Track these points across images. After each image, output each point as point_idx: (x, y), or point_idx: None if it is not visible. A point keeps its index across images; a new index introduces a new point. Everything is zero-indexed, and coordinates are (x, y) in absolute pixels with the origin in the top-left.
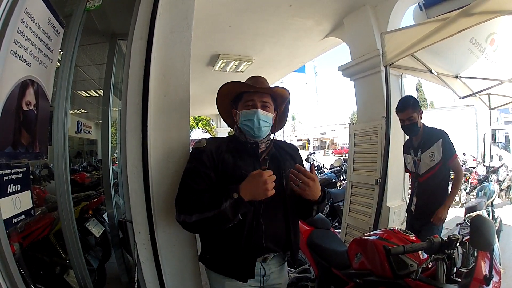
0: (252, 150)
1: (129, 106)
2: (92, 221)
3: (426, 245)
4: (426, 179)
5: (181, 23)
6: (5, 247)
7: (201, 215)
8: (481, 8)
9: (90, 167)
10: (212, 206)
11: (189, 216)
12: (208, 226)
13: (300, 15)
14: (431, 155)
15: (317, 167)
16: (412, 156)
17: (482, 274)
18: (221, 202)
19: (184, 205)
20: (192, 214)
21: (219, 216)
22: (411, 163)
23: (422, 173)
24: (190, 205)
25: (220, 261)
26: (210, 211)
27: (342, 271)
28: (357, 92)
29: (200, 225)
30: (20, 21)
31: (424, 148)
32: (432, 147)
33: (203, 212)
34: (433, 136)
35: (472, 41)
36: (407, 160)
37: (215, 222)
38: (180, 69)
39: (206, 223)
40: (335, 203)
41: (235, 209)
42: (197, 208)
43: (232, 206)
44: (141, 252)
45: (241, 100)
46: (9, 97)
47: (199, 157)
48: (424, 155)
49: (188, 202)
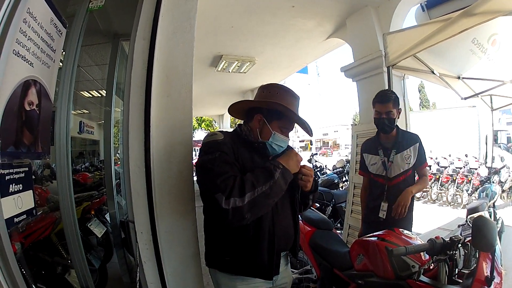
0: (262, 150)
1: (132, 106)
2: (94, 221)
3: (428, 246)
4: (398, 182)
5: (184, 23)
6: (6, 247)
7: (255, 193)
8: (483, 8)
9: (92, 167)
10: (266, 179)
11: (241, 198)
12: (262, 203)
13: (303, 16)
14: (407, 157)
15: (319, 168)
16: (381, 157)
17: (484, 275)
18: (272, 173)
19: (231, 190)
20: (243, 195)
21: (274, 188)
22: (378, 165)
23: (393, 176)
24: (238, 187)
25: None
26: (265, 184)
27: (344, 272)
28: (360, 93)
29: (253, 205)
30: (22, 21)
31: (399, 149)
32: (408, 149)
33: (256, 188)
34: (409, 139)
35: (474, 41)
36: (370, 161)
37: (270, 196)
38: (183, 70)
39: (260, 200)
40: (337, 204)
41: (284, 178)
42: (249, 187)
43: (282, 175)
44: (143, 253)
45: (279, 119)
46: (12, 97)
47: (221, 148)
48: (399, 156)
49: (234, 185)
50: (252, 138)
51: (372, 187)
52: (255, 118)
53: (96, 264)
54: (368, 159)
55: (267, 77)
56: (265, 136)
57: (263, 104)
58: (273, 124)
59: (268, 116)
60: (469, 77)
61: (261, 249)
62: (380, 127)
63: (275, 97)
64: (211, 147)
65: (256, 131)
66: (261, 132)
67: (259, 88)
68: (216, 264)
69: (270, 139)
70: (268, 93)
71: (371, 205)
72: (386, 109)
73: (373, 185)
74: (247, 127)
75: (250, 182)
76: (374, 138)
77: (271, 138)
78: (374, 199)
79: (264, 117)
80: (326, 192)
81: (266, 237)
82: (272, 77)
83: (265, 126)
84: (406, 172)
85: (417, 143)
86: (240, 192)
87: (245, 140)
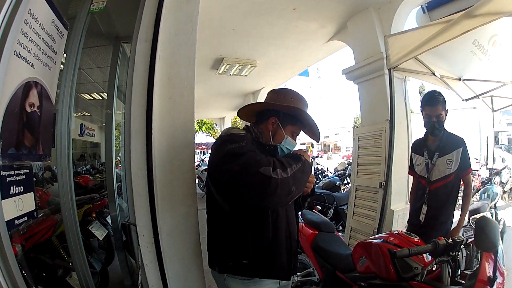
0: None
1: (134, 108)
2: (95, 224)
3: (431, 248)
4: (438, 187)
5: (186, 25)
6: (7, 249)
7: (293, 168)
8: (484, 9)
9: (93, 169)
10: (296, 161)
11: (285, 171)
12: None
13: (304, 18)
14: (449, 162)
15: (321, 170)
16: (425, 158)
17: (487, 275)
18: (299, 156)
19: (274, 164)
20: (285, 169)
21: (305, 167)
22: (422, 166)
23: (434, 179)
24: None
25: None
26: (297, 163)
27: (346, 274)
28: (361, 96)
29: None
30: (23, 22)
31: (442, 153)
32: (451, 154)
33: (292, 165)
34: (454, 142)
35: (475, 43)
36: (416, 161)
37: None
38: (185, 72)
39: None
40: (339, 207)
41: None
42: (286, 163)
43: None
44: (145, 255)
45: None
46: (13, 98)
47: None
48: (441, 160)
49: (274, 161)
50: (262, 139)
51: (416, 187)
52: (269, 121)
53: (98, 266)
54: (415, 159)
55: (268, 80)
56: (277, 139)
57: (282, 108)
58: (287, 128)
59: (283, 120)
60: (470, 79)
61: (281, 250)
62: (430, 131)
63: (291, 102)
64: (236, 137)
65: (268, 134)
66: (274, 135)
67: (270, 92)
68: (230, 268)
69: (282, 143)
70: (283, 98)
71: (414, 206)
72: (436, 112)
73: (417, 185)
74: (257, 128)
75: (286, 161)
76: (422, 138)
77: (283, 142)
78: (417, 201)
79: (279, 120)
80: (328, 195)
81: (283, 239)
82: (273, 79)
83: (278, 129)
84: (447, 178)
85: (461, 148)
86: (282, 167)
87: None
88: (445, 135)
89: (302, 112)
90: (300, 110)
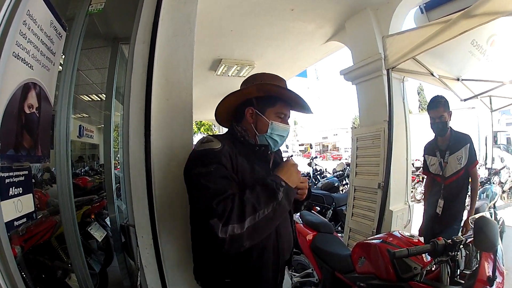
0: (262, 155)
1: (132, 110)
2: (94, 225)
3: (430, 248)
4: (451, 182)
5: (184, 27)
6: (6, 250)
7: (256, 217)
8: (482, 9)
9: (92, 171)
10: (268, 200)
11: (240, 224)
12: (263, 228)
13: (302, 19)
14: (459, 158)
15: (319, 171)
16: (438, 158)
17: (486, 275)
18: (275, 194)
19: (229, 215)
20: (243, 220)
21: (278, 210)
22: (436, 165)
23: (448, 175)
24: (238, 211)
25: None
26: (267, 207)
27: (345, 275)
28: (359, 96)
29: (254, 231)
30: (22, 23)
31: (452, 151)
32: (460, 150)
33: (258, 211)
34: (461, 140)
35: (473, 43)
36: (430, 162)
37: (273, 220)
38: (183, 73)
39: (262, 225)
40: (338, 207)
41: (288, 197)
42: (249, 210)
43: (286, 194)
44: (144, 257)
45: (272, 106)
46: (11, 99)
47: (218, 159)
48: (452, 157)
49: (232, 209)
50: (249, 138)
51: (432, 185)
52: (246, 113)
53: (97, 268)
54: (429, 160)
55: None
56: (262, 129)
57: (251, 93)
58: (268, 113)
59: (260, 106)
60: (468, 79)
61: (267, 269)
62: (436, 131)
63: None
64: (207, 157)
65: (251, 128)
66: (257, 126)
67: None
68: (212, 285)
69: (269, 131)
70: (252, 83)
71: (430, 200)
72: (438, 114)
73: (433, 183)
74: (240, 127)
75: (251, 204)
76: (433, 141)
77: (269, 129)
78: (433, 196)
79: (256, 108)
80: (327, 196)
81: (271, 256)
82: None
83: (259, 118)
84: (459, 172)
85: (468, 144)
86: (240, 217)
87: (243, 144)
88: (453, 134)
89: (274, 86)
90: (270, 84)
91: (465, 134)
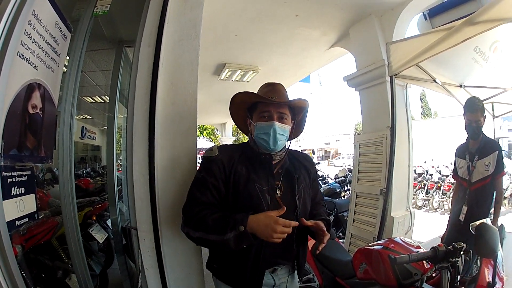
0: (266, 163)
1: (136, 113)
2: (95, 227)
3: (431, 254)
4: (477, 188)
5: (189, 31)
6: (7, 249)
7: (205, 235)
8: (485, 16)
9: (94, 172)
10: (216, 231)
11: (194, 231)
12: (210, 246)
13: (307, 25)
14: (487, 164)
15: (321, 177)
16: (467, 161)
17: (486, 281)
18: (225, 231)
19: (190, 219)
20: (196, 230)
21: (221, 243)
22: (464, 168)
23: (474, 181)
24: (195, 221)
25: (228, 272)
26: (213, 235)
27: (346, 280)
28: (362, 102)
29: (203, 243)
30: (27, 22)
31: (481, 156)
32: (488, 157)
33: (207, 233)
34: (491, 146)
35: (476, 49)
36: (459, 165)
37: (217, 247)
38: (188, 78)
39: (209, 244)
40: (340, 213)
41: (238, 241)
42: (202, 227)
43: (237, 237)
44: (146, 260)
45: (256, 110)
46: (15, 99)
47: (209, 167)
48: (480, 162)
49: (193, 216)
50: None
51: (458, 190)
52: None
53: (97, 269)
54: (458, 163)
55: None
56: (253, 134)
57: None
58: (254, 117)
59: (251, 115)
60: (471, 85)
61: (245, 267)
62: (470, 134)
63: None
64: (202, 164)
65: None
66: (252, 133)
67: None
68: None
69: (255, 132)
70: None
71: (455, 207)
72: (476, 118)
73: (459, 188)
74: (250, 137)
75: (205, 225)
76: (464, 143)
77: (255, 131)
78: (458, 202)
79: (250, 118)
80: (329, 201)
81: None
82: None
83: (251, 125)
84: (485, 179)
85: (496, 151)
86: (194, 227)
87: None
88: (484, 139)
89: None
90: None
91: (495, 141)
